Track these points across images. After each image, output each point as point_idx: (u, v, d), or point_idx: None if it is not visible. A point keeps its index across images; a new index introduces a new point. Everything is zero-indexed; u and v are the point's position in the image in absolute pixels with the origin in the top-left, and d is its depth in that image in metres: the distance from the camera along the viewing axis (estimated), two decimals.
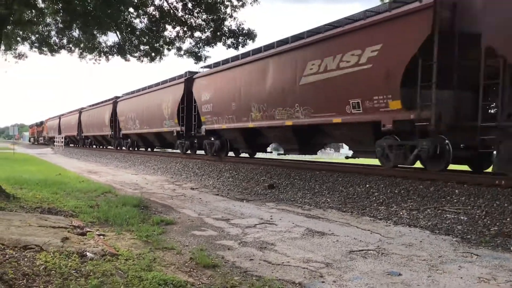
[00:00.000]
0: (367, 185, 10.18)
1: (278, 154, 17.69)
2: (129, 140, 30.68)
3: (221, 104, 17.42)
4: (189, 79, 20.43)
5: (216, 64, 18.56)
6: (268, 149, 20.29)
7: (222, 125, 17.47)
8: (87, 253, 4.75)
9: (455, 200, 8.19)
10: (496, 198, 7.74)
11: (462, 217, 7.29)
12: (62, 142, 45.84)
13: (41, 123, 69.62)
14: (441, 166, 10.00)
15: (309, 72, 12.47)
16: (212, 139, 19.21)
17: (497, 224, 6.77)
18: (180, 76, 21.99)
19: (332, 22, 12.36)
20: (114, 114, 31.55)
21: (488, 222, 6.92)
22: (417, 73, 9.46)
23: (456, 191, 8.53)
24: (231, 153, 19.38)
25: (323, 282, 4.42)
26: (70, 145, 46.31)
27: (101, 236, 5.93)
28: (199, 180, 14.70)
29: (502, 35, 7.98)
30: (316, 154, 16.59)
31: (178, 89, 21.17)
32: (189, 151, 21.94)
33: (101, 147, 39.18)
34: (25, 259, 4.35)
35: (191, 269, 4.77)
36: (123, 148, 32.05)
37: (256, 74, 15.15)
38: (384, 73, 10.15)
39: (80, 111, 42.72)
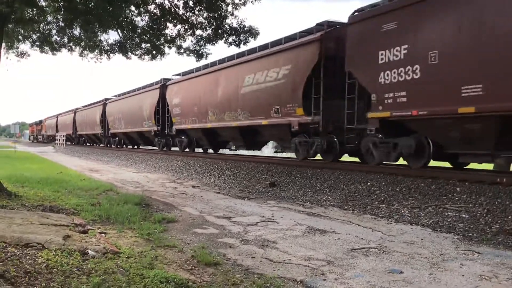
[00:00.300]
0: (369, 183, 10.18)
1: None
2: (116, 138, 33.16)
3: (187, 107, 20.53)
4: (163, 85, 23.53)
5: (184, 73, 21.90)
6: (265, 147, 22.84)
7: (188, 125, 20.71)
8: (89, 251, 4.76)
9: (456, 198, 8.18)
10: (497, 196, 7.73)
11: (463, 215, 7.28)
12: (63, 141, 45.90)
13: (40, 122, 72.13)
14: (330, 158, 13.37)
15: (246, 84, 15.63)
16: (182, 137, 22.45)
17: (499, 222, 6.76)
18: (156, 82, 24.97)
19: (263, 44, 15.51)
20: (103, 114, 33.79)
21: (490, 220, 6.91)
22: (311, 88, 12.65)
23: (458, 189, 8.52)
24: (199, 150, 22.73)
25: (324, 280, 4.42)
26: (67, 143, 47.52)
27: (103, 234, 5.94)
28: (201, 178, 14.70)
29: (354, 63, 11.14)
30: (260, 150, 19.57)
31: (154, 93, 24.30)
32: (165, 148, 24.73)
33: (94, 144, 40.85)
34: (27, 257, 4.36)
35: (193, 267, 4.77)
36: (112, 146, 34.18)
37: (211, 84, 18.36)
38: (292, 87, 13.29)
39: (74, 111, 44.67)
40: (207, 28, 11.88)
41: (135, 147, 32.09)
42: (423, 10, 9.26)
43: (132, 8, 11.47)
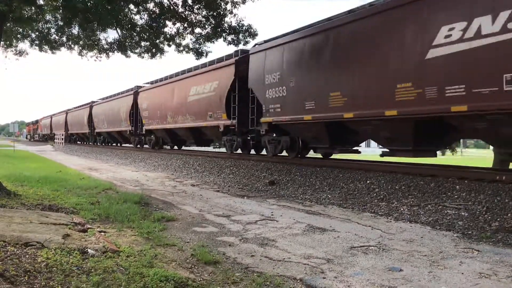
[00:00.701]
0: (368, 181, 10.18)
1: (214, 148, 24.46)
2: (101, 137, 37.50)
3: (153, 111, 24.98)
4: (136, 92, 28.25)
5: (152, 82, 27.09)
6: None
7: (154, 126, 25.03)
8: (88, 250, 4.75)
9: (456, 196, 8.18)
10: (497, 193, 7.74)
11: (463, 213, 7.29)
12: (62, 139, 45.90)
13: (36, 121, 77.20)
14: (245, 151, 18.14)
15: (191, 93, 20.01)
16: (151, 136, 26.78)
17: (498, 219, 6.77)
18: (131, 89, 29.72)
19: (204, 63, 19.83)
20: (90, 115, 38.16)
21: (489, 217, 6.92)
22: (230, 99, 16.86)
23: (457, 186, 8.52)
24: (167, 146, 27.07)
25: (324, 278, 4.42)
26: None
27: (102, 233, 5.93)
28: (200, 176, 14.70)
29: (253, 82, 15.28)
30: (209, 146, 25.96)
31: (129, 99, 29.04)
32: (138, 145, 29.47)
33: (84, 143, 44.56)
34: (27, 256, 4.35)
35: (193, 266, 4.77)
36: (98, 143, 38.70)
37: (168, 92, 22.82)
38: (219, 98, 17.46)
39: (66, 112, 48.78)
40: (206, 27, 11.86)
41: (118, 144, 35.91)
42: (287, 48, 13.53)
43: (131, 6, 11.45)
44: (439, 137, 10.21)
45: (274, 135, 15.14)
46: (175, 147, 26.05)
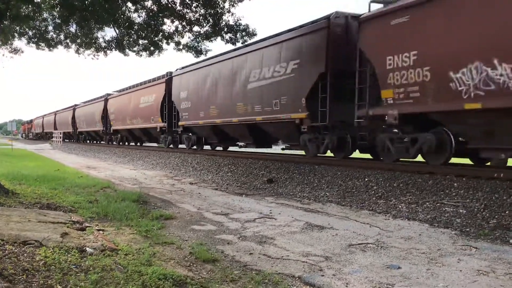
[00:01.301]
0: (366, 179, 10.19)
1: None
2: (82, 135, 42.76)
3: (119, 115, 29.80)
4: (106, 98, 33.18)
5: (120, 90, 31.54)
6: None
7: (119, 127, 30.31)
8: (87, 248, 4.75)
9: (454, 193, 8.20)
10: (495, 191, 7.75)
11: (461, 210, 7.30)
12: (60, 138, 45.86)
13: (31, 121, 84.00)
14: (174, 146, 23.45)
15: (141, 102, 26.07)
16: (119, 135, 31.58)
17: (496, 217, 6.79)
18: (102, 96, 34.76)
19: (149, 79, 26.23)
20: (73, 117, 44.50)
21: (487, 215, 6.93)
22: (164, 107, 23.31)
23: (455, 184, 8.53)
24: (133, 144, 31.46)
25: (322, 275, 4.43)
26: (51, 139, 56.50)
27: (101, 231, 5.93)
28: (198, 175, 14.70)
29: (173, 97, 22.13)
30: (158, 143, 28.26)
31: (100, 104, 34.41)
32: (109, 142, 34.07)
33: (67, 141, 48.97)
34: (25, 254, 4.35)
35: (191, 264, 4.77)
36: (80, 141, 44.02)
37: (131, 99, 27.38)
38: (157, 106, 23.78)
39: (55, 113, 55.41)
40: (204, 25, 11.85)
41: (102, 142, 38.12)
42: (191, 74, 19.95)
43: (129, 4, 11.44)
44: (263, 136, 16.08)
45: (190, 134, 21.01)
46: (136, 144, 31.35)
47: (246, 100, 15.24)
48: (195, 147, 21.28)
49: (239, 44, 12.67)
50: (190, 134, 21.07)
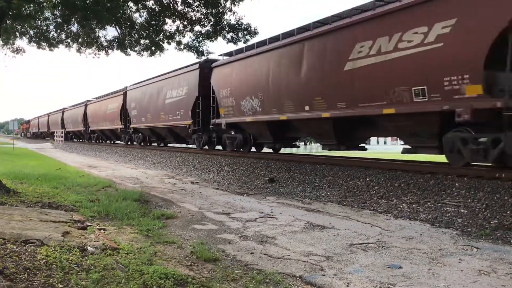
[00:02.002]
0: (367, 179, 10.19)
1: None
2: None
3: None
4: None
5: (98, 97, 34.57)
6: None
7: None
8: (88, 247, 4.75)
9: (455, 193, 8.19)
10: (496, 191, 7.74)
11: (462, 210, 7.29)
12: (62, 137, 45.92)
13: (28, 121, 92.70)
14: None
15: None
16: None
17: (497, 217, 6.78)
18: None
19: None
20: (62, 118, 49.95)
21: (488, 215, 6.92)
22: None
23: (456, 184, 8.53)
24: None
25: (323, 275, 4.42)
26: (46, 138, 63.01)
27: (102, 230, 5.93)
28: (199, 174, 14.70)
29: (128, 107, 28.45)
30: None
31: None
32: (128, 143, 31.60)
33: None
34: (26, 253, 4.35)
35: (192, 263, 4.78)
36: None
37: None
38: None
39: (48, 114, 61.53)
40: (206, 24, 11.84)
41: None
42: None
43: (131, 4, 11.43)
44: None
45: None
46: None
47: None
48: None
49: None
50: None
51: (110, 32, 29.60)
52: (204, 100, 19.03)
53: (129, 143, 31.14)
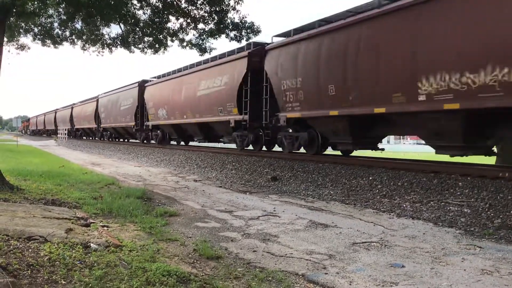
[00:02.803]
0: (370, 178, 10.17)
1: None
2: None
3: (81, 117, 36.12)
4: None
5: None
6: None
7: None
8: (91, 244, 4.77)
9: (458, 193, 8.17)
10: (500, 190, 7.72)
11: (465, 210, 7.28)
12: (65, 134, 46.05)
13: (28, 119, 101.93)
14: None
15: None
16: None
17: (501, 216, 6.76)
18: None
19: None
20: (55, 119, 54.65)
21: (492, 214, 6.91)
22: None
23: (460, 183, 8.51)
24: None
25: (326, 273, 4.42)
26: (43, 135, 70.89)
27: (105, 228, 5.95)
28: (202, 172, 14.71)
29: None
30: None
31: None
32: (144, 141, 29.73)
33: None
34: (29, 250, 4.37)
35: (195, 261, 4.78)
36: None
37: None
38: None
39: (45, 114, 68.43)
40: (209, 22, 11.83)
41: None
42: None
43: (134, 1, 11.43)
44: None
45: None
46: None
47: None
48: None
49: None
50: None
51: (114, 29, 29.60)
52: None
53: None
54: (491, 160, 12.10)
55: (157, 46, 12.53)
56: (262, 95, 15.22)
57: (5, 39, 11.06)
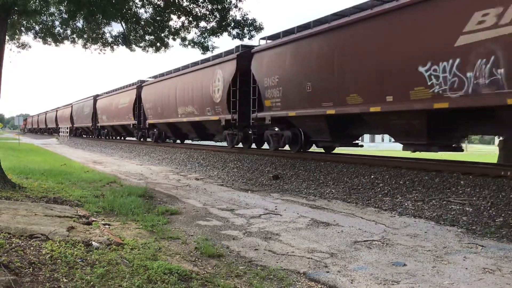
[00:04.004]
0: (372, 176, 10.16)
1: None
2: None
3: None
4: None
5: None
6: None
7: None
8: (93, 243, 4.77)
9: (460, 191, 8.16)
10: (501, 189, 7.71)
11: (467, 208, 7.27)
12: (67, 133, 46.12)
13: (25, 119, 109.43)
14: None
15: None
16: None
17: (503, 215, 6.75)
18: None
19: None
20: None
21: (493, 213, 6.90)
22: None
23: (462, 182, 8.50)
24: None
25: (327, 272, 4.42)
26: (45, 133, 73.32)
27: (107, 226, 5.95)
28: (204, 170, 14.72)
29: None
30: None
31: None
32: (141, 139, 29.84)
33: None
34: (31, 248, 4.37)
35: (196, 259, 4.79)
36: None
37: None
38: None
39: (38, 115, 78.15)
40: (211, 20, 11.82)
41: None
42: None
43: None
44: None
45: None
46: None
47: None
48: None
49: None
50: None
51: (116, 28, 29.58)
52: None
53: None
54: (493, 159, 12.07)
55: (158, 44, 12.52)
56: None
57: (7, 37, 11.08)
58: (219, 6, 11.41)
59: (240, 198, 9.11)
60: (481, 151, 57.04)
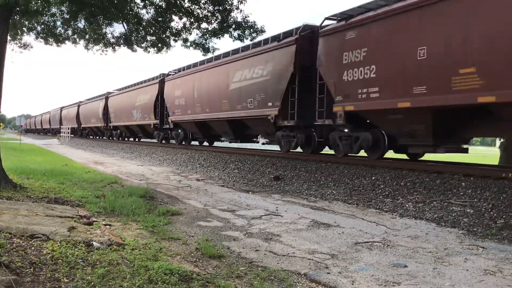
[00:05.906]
0: (373, 177, 10.16)
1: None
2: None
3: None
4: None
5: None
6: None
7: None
8: (94, 243, 4.77)
9: (461, 193, 8.15)
10: (503, 191, 7.70)
11: (468, 210, 7.26)
12: (68, 133, 46.17)
13: (26, 119, 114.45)
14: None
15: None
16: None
17: (504, 217, 6.74)
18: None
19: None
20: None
21: (495, 215, 6.89)
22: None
23: (463, 183, 8.49)
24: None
25: (328, 273, 4.42)
26: (48, 134, 74.22)
27: (108, 226, 5.96)
28: (205, 171, 14.72)
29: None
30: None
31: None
32: (162, 142, 27.10)
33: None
34: (32, 248, 4.38)
35: (197, 259, 4.79)
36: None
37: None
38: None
39: (35, 116, 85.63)
40: (212, 22, 11.82)
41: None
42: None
43: (138, 0, 11.44)
44: None
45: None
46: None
47: None
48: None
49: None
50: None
51: (117, 29, 29.59)
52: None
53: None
54: (494, 160, 12.06)
55: (160, 45, 12.53)
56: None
57: (9, 37, 11.09)
58: (220, 8, 11.42)
59: (241, 199, 9.11)
60: (481, 152, 56.83)
